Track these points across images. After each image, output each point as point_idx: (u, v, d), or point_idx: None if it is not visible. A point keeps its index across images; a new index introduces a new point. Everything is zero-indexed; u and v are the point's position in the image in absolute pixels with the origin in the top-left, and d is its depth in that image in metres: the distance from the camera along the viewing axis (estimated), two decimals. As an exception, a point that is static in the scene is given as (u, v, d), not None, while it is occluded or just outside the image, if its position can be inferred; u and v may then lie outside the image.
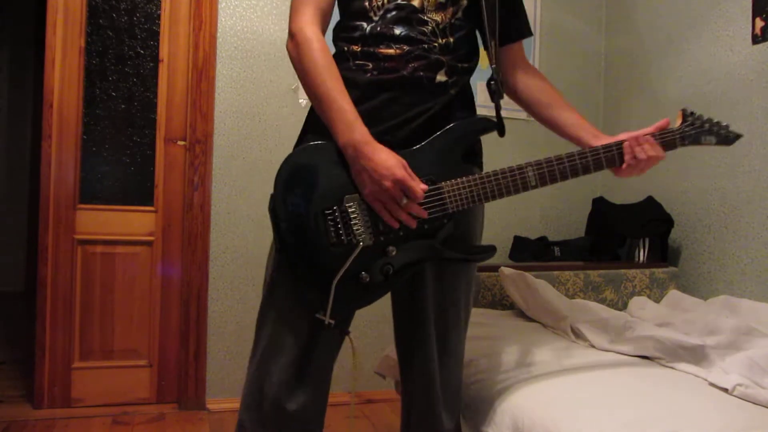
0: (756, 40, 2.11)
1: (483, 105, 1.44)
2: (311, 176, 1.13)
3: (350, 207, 1.12)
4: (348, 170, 1.11)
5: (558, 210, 2.95)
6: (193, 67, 2.49)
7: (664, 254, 2.40)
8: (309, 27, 1.14)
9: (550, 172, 1.17)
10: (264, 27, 2.57)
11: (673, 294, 2.16)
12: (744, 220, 2.14)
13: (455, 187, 1.14)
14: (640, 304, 2.10)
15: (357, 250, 1.11)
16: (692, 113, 1.25)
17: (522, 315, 2.04)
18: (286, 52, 1.20)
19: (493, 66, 1.23)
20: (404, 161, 1.09)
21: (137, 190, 2.51)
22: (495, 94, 1.23)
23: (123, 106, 2.50)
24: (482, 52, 1.29)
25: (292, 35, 1.16)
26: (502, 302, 2.14)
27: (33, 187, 4.53)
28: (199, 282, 2.49)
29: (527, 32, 1.35)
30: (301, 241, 1.12)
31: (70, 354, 2.42)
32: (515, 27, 1.32)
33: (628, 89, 2.82)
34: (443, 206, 1.14)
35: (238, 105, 2.54)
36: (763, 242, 2.06)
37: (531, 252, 2.64)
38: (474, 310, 2.04)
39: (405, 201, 1.08)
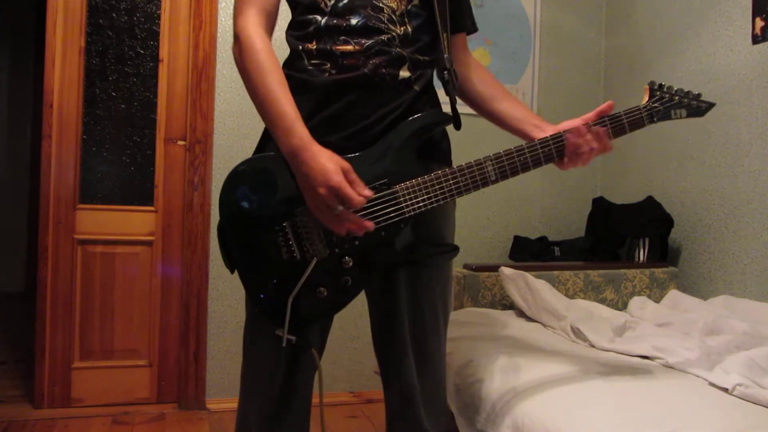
0: (756, 40, 2.11)
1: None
2: (259, 191, 1.09)
3: (302, 220, 1.06)
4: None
5: (558, 210, 2.95)
6: (193, 67, 2.49)
7: (664, 254, 2.40)
8: (253, 28, 1.08)
9: (510, 164, 1.11)
10: (264, 27, 2.57)
11: (673, 294, 2.16)
12: (744, 220, 2.14)
13: (411, 189, 1.08)
14: (640, 304, 2.10)
15: (312, 265, 1.06)
16: (660, 86, 1.18)
17: (522, 315, 2.04)
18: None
19: (446, 56, 1.17)
20: (347, 165, 1.01)
21: (137, 190, 2.51)
22: (448, 85, 1.18)
23: (123, 106, 2.50)
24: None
25: (235, 38, 1.10)
26: (502, 302, 2.14)
27: (33, 187, 4.53)
28: (199, 282, 2.49)
29: (470, 27, 1.30)
30: (254, 261, 1.09)
31: (70, 354, 2.42)
32: (458, 19, 1.26)
33: (628, 89, 2.82)
34: (399, 211, 1.07)
35: (238, 105, 2.54)
36: (763, 242, 2.06)
37: (531, 252, 2.64)
38: (474, 310, 2.07)
39: (339, 209, 0.99)
